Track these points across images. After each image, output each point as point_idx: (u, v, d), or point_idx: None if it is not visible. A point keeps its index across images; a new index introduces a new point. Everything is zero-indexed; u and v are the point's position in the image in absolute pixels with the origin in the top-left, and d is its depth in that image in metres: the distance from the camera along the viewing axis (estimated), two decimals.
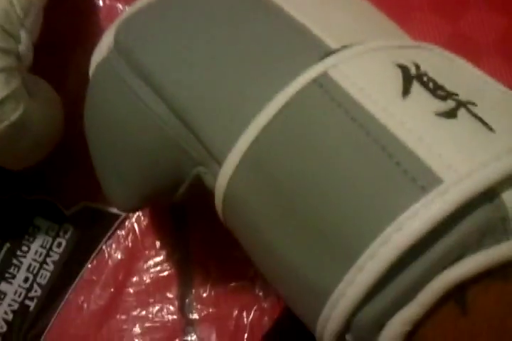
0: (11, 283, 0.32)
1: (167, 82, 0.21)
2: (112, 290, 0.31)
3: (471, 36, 0.35)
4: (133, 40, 0.23)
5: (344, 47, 0.19)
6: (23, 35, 0.27)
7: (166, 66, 0.21)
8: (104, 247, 0.32)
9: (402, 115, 0.17)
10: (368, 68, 0.18)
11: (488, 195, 0.15)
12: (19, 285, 0.31)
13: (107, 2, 0.37)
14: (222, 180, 0.20)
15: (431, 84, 0.18)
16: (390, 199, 0.15)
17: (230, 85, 0.20)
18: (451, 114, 0.17)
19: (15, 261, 0.32)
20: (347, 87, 0.18)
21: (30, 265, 0.32)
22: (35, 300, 0.31)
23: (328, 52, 0.19)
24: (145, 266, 0.31)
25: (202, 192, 0.23)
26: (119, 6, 0.37)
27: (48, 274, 0.32)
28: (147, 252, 0.32)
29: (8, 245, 0.32)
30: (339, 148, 0.17)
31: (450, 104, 0.17)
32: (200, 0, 0.23)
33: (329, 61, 0.18)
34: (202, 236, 0.32)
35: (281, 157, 0.18)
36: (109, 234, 0.32)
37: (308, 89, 0.18)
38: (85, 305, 0.31)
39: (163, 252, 0.32)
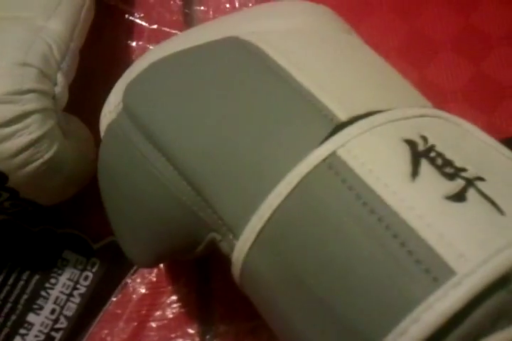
0: (38, 314, 0.32)
1: (177, 149, 0.21)
2: (135, 324, 0.32)
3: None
4: (142, 105, 0.23)
5: (353, 119, 0.19)
6: (60, 77, 0.29)
7: (176, 133, 0.22)
8: (129, 281, 0.33)
9: (411, 200, 0.17)
10: (375, 147, 0.18)
11: (502, 280, 0.15)
12: (46, 317, 0.32)
13: (140, 44, 0.39)
14: (238, 254, 0.20)
15: (439, 161, 0.18)
16: (404, 290, 0.16)
17: (240, 157, 0.20)
18: (460, 197, 0.17)
19: (43, 293, 0.33)
20: (356, 169, 0.18)
21: (57, 297, 0.33)
22: (60, 332, 0.32)
23: (337, 126, 0.19)
24: (168, 301, 0.32)
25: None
26: (151, 47, 0.39)
27: (75, 306, 0.32)
28: (170, 287, 0.32)
29: (37, 277, 0.33)
30: (352, 234, 0.17)
31: (459, 183, 0.17)
32: (208, 63, 0.23)
33: (338, 139, 0.18)
34: (224, 272, 0.32)
35: (294, 238, 0.18)
36: (134, 268, 0.33)
37: (318, 169, 0.18)
38: (109, 339, 0.32)
39: (187, 287, 0.32)
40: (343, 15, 0.38)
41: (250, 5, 0.40)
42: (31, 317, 0.32)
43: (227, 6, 0.40)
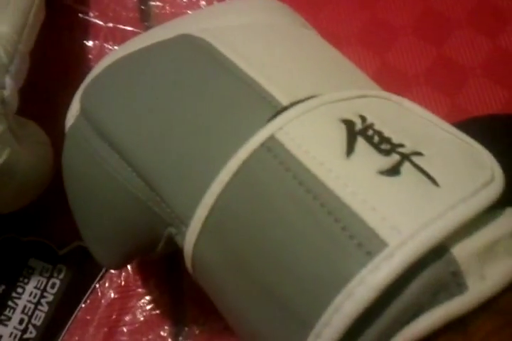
0: (6, 325, 0.32)
1: (129, 146, 0.22)
2: (106, 329, 0.31)
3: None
4: (96, 107, 0.23)
5: (293, 103, 0.19)
6: (8, 81, 0.28)
7: (126, 130, 0.22)
8: (97, 286, 0.32)
9: (345, 177, 0.17)
10: (312, 128, 0.18)
11: (437, 251, 0.15)
12: (14, 327, 0.32)
13: (97, 43, 0.38)
14: (188, 245, 0.20)
15: (376, 138, 0.18)
16: (339, 265, 0.15)
17: (185, 149, 0.20)
18: (394, 171, 0.17)
19: (10, 303, 0.32)
20: (293, 150, 0.18)
21: (25, 306, 0.32)
22: None
23: (279, 110, 0.19)
24: (138, 304, 0.31)
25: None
26: (108, 46, 0.38)
27: (43, 315, 0.32)
28: (140, 290, 0.32)
29: (3, 287, 0.32)
30: (289, 214, 0.17)
31: (394, 158, 0.17)
32: (157, 61, 0.23)
33: (276, 123, 0.19)
34: None
35: (237, 224, 0.18)
36: (101, 273, 0.32)
37: (257, 153, 0.18)
38: None
39: (156, 289, 0.32)
40: (303, 6, 0.37)
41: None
42: None
43: (184, 0, 0.40)
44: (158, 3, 0.39)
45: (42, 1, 0.33)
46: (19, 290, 0.32)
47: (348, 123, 0.18)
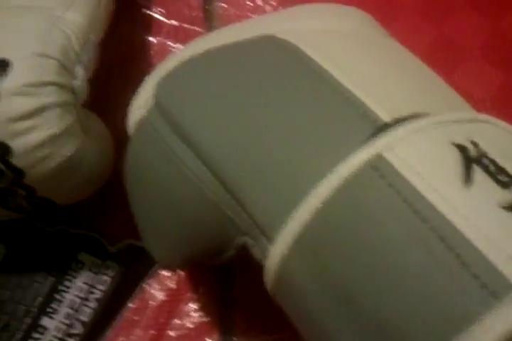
0: (52, 318, 0.31)
1: (211, 149, 0.21)
2: (153, 332, 0.30)
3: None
4: (175, 102, 0.22)
5: (397, 120, 0.18)
6: (79, 70, 0.27)
7: (209, 132, 0.21)
8: (146, 287, 0.31)
9: (466, 208, 0.16)
10: (423, 150, 0.17)
11: None
12: (60, 321, 0.31)
13: (159, 39, 0.37)
14: (273, 260, 0.19)
15: (492, 168, 0.17)
16: (460, 304, 0.14)
17: (277, 157, 0.19)
18: None
19: (57, 296, 0.31)
20: (404, 172, 0.17)
21: (72, 301, 0.31)
22: (75, 338, 0.31)
23: (380, 127, 0.18)
24: (187, 309, 0.30)
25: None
26: (170, 43, 0.37)
27: (90, 311, 0.31)
28: (190, 295, 0.31)
29: (52, 279, 0.32)
30: (400, 240, 0.16)
31: None
32: (243, 61, 0.22)
33: (383, 141, 0.17)
34: (247, 281, 0.31)
35: (337, 245, 0.17)
36: (152, 273, 0.31)
37: (362, 171, 0.17)
38: None
39: (207, 296, 0.31)
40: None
41: (272, 2, 0.39)
42: (45, 321, 0.31)
43: (248, 3, 0.39)
44: (223, 4, 0.39)
45: None
46: (67, 283, 0.31)
47: (462, 149, 0.17)
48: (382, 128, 0.18)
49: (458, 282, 0.15)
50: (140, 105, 0.24)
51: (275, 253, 0.18)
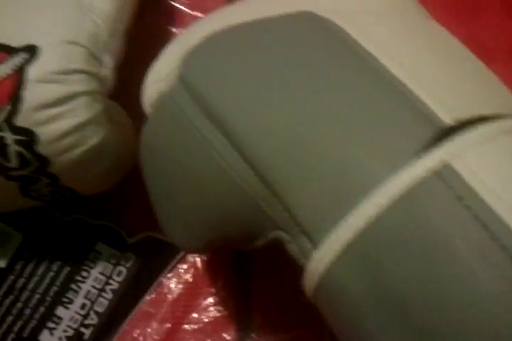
0: (67, 308, 0.31)
1: (246, 135, 0.19)
2: (169, 325, 0.30)
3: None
4: (205, 80, 0.20)
5: (461, 123, 0.17)
6: (107, 59, 0.27)
7: (245, 116, 0.19)
8: (164, 280, 0.31)
9: None
10: (497, 162, 0.16)
11: None
12: (76, 312, 0.31)
13: (182, 30, 0.37)
14: (317, 264, 0.18)
15: None
16: None
17: (325, 154, 0.18)
18: None
19: (73, 286, 0.31)
20: (475, 186, 0.15)
21: (88, 291, 0.31)
22: (90, 328, 0.30)
23: (444, 130, 0.17)
24: (204, 303, 0.30)
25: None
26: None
27: (106, 302, 0.31)
28: (207, 289, 0.30)
29: (68, 269, 0.31)
30: (469, 264, 0.15)
31: None
32: (282, 39, 0.21)
33: (451, 148, 0.16)
34: (265, 276, 0.30)
35: (396, 259, 0.16)
36: (170, 266, 0.31)
37: (427, 180, 0.16)
38: (141, 339, 0.30)
39: (225, 290, 0.30)
40: None
41: None
42: (60, 311, 0.31)
43: None
44: None
45: None
46: (84, 273, 0.31)
47: None
48: (446, 132, 0.17)
49: None
50: (158, 79, 0.23)
51: (322, 258, 0.17)
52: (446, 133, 0.17)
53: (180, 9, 0.38)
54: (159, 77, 0.23)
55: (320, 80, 0.19)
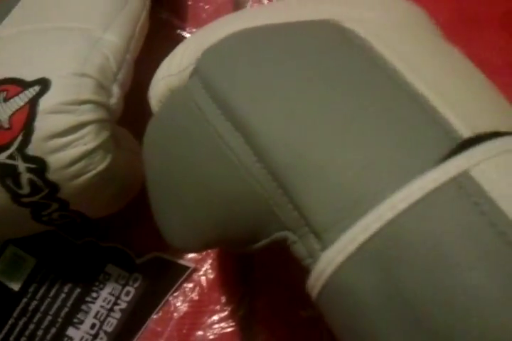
0: (78, 328, 0.32)
1: (262, 134, 0.19)
2: None
3: None
4: (224, 77, 0.20)
5: (479, 136, 0.17)
6: (115, 88, 0.29)
7: (263, 116, 0.19)
8: (170, 299, 0.32)
9: None
10: None
11: None
12: (86, 332, 0.32)
13: None
14: (326, 264, 0.18)
15: None
16: None
17: (344, 156, 0.18)
18: None
19: (84, 307, 0.32)
20: (491, 193, 0.16)
21: (98, 312, 0.32)
22: None
23: (463, 142, 0.17)
24: (209, 321, 0.31)
25: (275, 249, 0.21)
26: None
27: (115, 322, 0.32)
28: (212, 307, 0.32)
29: (78, 290, 0.33)
30: (482, 268, 0.15)
31: None
32: (304, 45, 0.21)
33: (470, 157, 0.16)
34: (269, 294, 0.31)
35: (411, 263, 0.16)
36: (176, 285, 0.32)
37: (445, 188, 0.16)
38: None
39: (229, 308, 0.31)
40: None
41: None
42: (71, 332, 0.32)
43: None
44: None
45: (147, 14, 0.34)
46: (94, 294, 0.32)
47: None
48: (465, 144, 0.17)
49: None
50: (172, 73, 0.23)
51: (330, 258, 0.17)
52: (465, 145, 0.17)
53: None
54: (170, 72, 0.24)
55: (340, 87, 0.19)
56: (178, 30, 0.39)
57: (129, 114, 0.31)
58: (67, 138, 0.26)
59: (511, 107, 0.21)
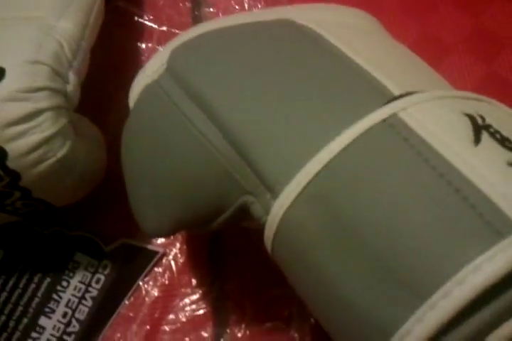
0: (50, 317, 0.32)
1: (222, 108, 0.21)
2: (148, 327, 0.31)
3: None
4: (187, 64, 0.23)
5: (407, 94, 0.20)
6: (71, 75, 0.29)
7: (220, 93, 0.22)
8: (141, 284, 0.32)
9: (475, 161, 0.17)
10: (437, 114, 0.19)
11: None
12: (58, 320, 0.32)
13: (150, 45, 0.39)
14: (277, 210, 0.20)
15: (498, 136, 0.18)
16: (465, 241, 0.16)
17: (289, 116, 0.20)
18: None
19: (55, 296, 0.32)
20: (418, 130, 0.18)
21: (69, 300, 0.32)
22: (73, 336, 0.31)
23: (395, 96, 0.20)
24: (181, 304, 0.31)
25: (238, 224, 0.24)
26: (161, 49, 0.38)
27: (86, 310, 0.32)
28: (183, 290, 0.32)
29: (48, 280, 0.33)
30: (409, 187, 0.17)
31: None
32: (260, 36, 0.24)
33: (398, 104, 0.19)
34: (238, 275, 0.32)
35: (346, 194, 0.18)
36: (146, 270, 0.32)
37: (377, 128, 0.18)
38: None
39: (200, 290, 0.32)
40: None
41: (260, 7, 0.40)
42: (43, 321, 0.32)
43: (237, 7, 0.40)
44: (211, 9, 0.40)
45: (102, 2, 0.33)
46: (64, 283, 0.32)
47: (471, 118, 0.19)
48: (396, 98, 0.19)
49: (464, 222, 0.16)
50: (147, 74, 0.25)
51: (280, 204, 0.19)
52: (398, 98, 0.20)
53: (148, 25, 0.39)
54: (147, 72, 0.25)
55: (290, 64, 0.22)
56: (136, 18, 0.39)
57: (88, 102, 0.31)
58: (24, 125, 0.26)
59: (438, 77, 0.24)
